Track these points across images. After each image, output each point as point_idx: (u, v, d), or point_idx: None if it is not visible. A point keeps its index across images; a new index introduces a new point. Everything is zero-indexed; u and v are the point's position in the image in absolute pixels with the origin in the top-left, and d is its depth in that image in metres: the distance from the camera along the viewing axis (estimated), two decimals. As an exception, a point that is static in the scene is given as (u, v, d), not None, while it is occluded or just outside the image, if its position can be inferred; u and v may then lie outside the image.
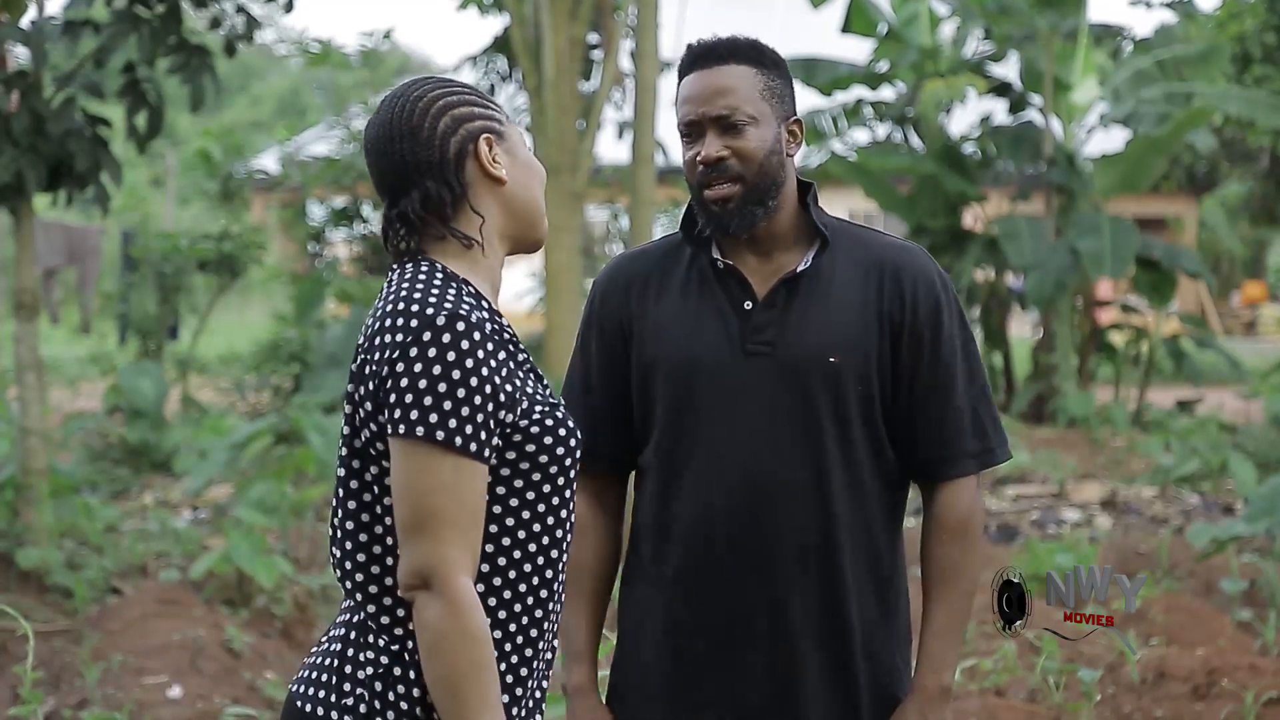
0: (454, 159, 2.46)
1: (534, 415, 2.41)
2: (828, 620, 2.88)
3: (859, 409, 2.87)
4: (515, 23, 13.49)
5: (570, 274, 13.13)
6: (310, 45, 16.07)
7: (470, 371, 2.32)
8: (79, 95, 7.61)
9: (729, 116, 2.83)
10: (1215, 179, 26.78)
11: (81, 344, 20.88)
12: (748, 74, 2.86)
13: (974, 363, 2.96)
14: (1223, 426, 14.45)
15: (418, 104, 2.47)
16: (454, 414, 2.30)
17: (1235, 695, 5.70)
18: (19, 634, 5.43)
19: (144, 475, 11.73)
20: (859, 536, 2.90)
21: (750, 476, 2.85)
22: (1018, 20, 16.46)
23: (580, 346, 3.03)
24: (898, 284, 2.88)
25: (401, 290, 2.39)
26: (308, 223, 17.18)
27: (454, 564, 2.29)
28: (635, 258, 3.03)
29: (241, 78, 51.93)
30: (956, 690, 5.82)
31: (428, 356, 2.31)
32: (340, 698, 2.38)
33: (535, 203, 2.55)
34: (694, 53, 2.89)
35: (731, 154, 2.83)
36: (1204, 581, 8.36)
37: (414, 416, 2.30)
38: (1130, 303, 18.40)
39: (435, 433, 2.30)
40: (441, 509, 2.30)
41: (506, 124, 2.53)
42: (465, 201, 2.47)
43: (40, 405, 7.92)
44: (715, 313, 2.89)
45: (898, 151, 17.19)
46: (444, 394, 2.30)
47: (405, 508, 2.32)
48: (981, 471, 2.95)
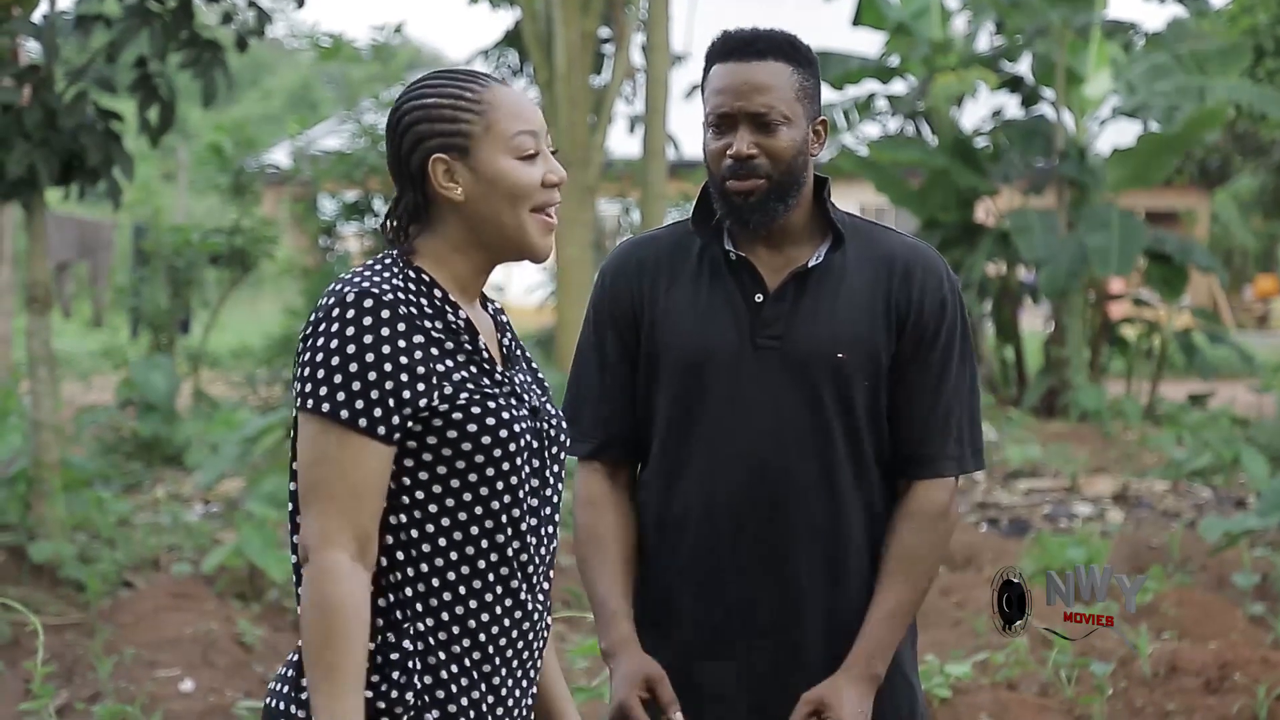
0: (417, 174, 2.48)
1: (458, 401, 2.39)
2: (835, 613, 2.88)
3: (866, 405, 2.87)
4: (527, 17, 13.49)
5: (581, 268, 13.12)
6: (321, 39, 16.08)
7: (369, 347, 2.33)
8: (91, 89, 7.62)
9: (765, 115, 2.82)
10: (1228, 173, 26.71)
11: (93, 338, 20.92)
12: (785, 72, 2.84)
13: (970, 367, 2.95)
14: (1235, 420, 14.42)
15: (394, 115, 2.50)
16: (344, 387, 2.32)
17: (1248, 689, 5.69)
18: (30, 628, 5.44)
19: (156, 469, 11.74)
20: (866, 529, 2.90)
21: (757, 470, 2.85)
22: (1030, 14, 16.43)
23: (592, 330, 3.02)
24: (907, 281, 2.89)
25: (346, 275, 2.44)
26: (319, 217, 17.17)
27: (324, 536, 2.31)
28: (644, 244, 3.02)
29: (253, 72, 51.94)
30: (968, 684, 5.82)
31: (330, 331, 2.34)
32: (298, 691, 2.39)
33: (497, 220, 2.48)
34: (731, 42, 2.87)
35: (762, 152, 2.83)
36: (1216, 576, 8.34)
37: (308, 389, 2.34)
38: (1142, 296, 18.37)
39: (322, 405, 2.32)
40: (322, 482, 2.32)
41: (478, 137, 2.47)
42: (430, 213, 2.49)
43: (53, 399, 7.93)
44: (726, 304, 2.89)
45: (909, 145, 17.16)
46: (337, 367, 2.32)
47: (297, 478, 2.36)
48: (959, 475, 2.94)
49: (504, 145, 2.48)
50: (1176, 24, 17.34)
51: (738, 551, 2.87)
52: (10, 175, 7.40)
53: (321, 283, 14.98)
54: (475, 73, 2.53)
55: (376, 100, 16.25)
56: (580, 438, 2.99)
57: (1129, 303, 18.55)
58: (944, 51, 17.15)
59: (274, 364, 14.66)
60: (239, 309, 22.97)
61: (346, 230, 17.29)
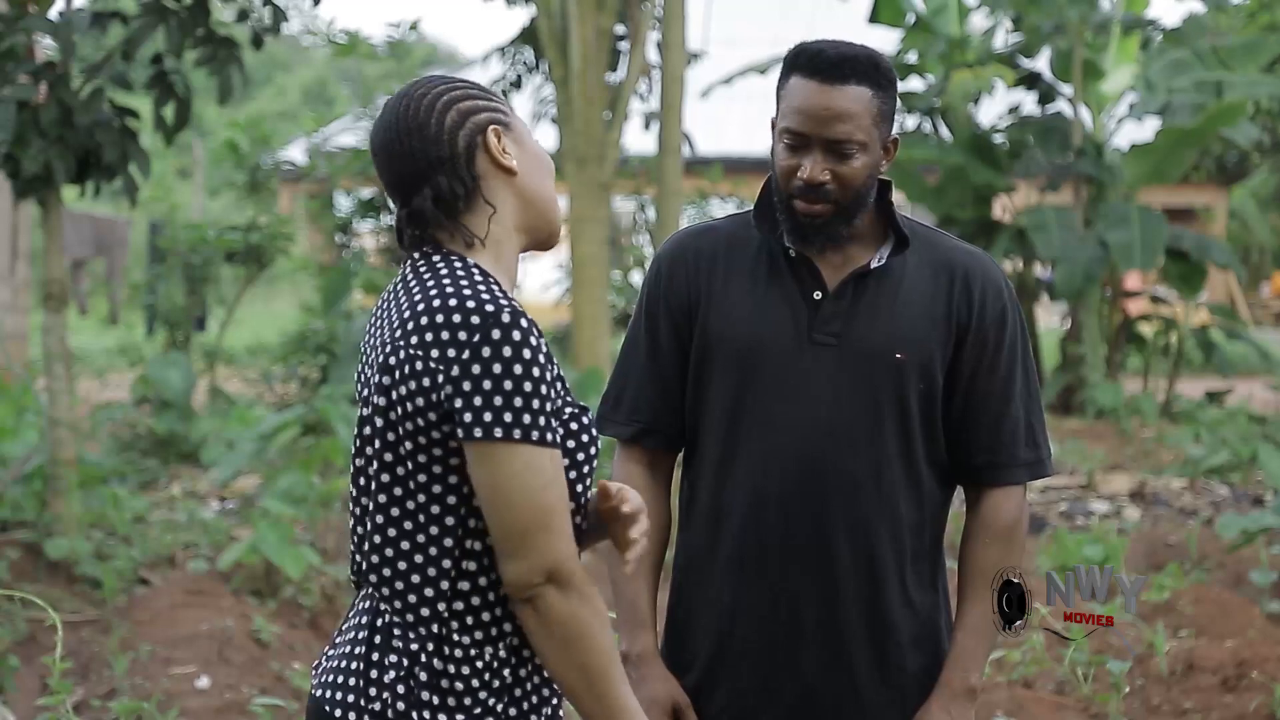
0: (464, 152, 2.44)
1: (563, 415, 2.40)
2: (878, 613, 2.88)
3: (920, 406, 2.87)
4: (542, 14, 13.48)
5: (597, 265, 13.10)
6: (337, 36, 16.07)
7: (540, 366, 2.30)
8: (107, 87, 7.63)
9: (842, 144, 2.79)
10: (1245, 169, 26.65)
11: (109, 335, 20.97)
12: (865, 97, 2.80)
13: (1031, 373, 2.96)
14: (1252, 418, 14.38)
15: (422, 101, 2.45)
16: (536, 410, 2.29)
17: (1265, 687, 5.68)
18: (48, 624, 5.45)
19: (172, 466, 11.76)
20: (912, 531, 2.90)
21: (807, 465, 2.85)
22: (1048, 10, 16.40)
23: (644, 316, 3.00)
24: (967, 288, 2.89)
25: (444, 285, 2.35)
26: (335, 213, 17.19)
27: (572, 556, 2.31)
28: (702, 234, 3.02)
29: (268, 69, 52.03)
30: (984, 682, 5.81)
31: (503, 356, 2.28)
32: (368, 701, 2.36)
33: (547, 192, 2.52)
34: (818, 61, 2.80)
35: (834, 179, 2.81)
36: (1233, 573, 8.33)
37: (506, 419, 2.27)
38: (1159, 293, 18.32)
39: (530, 433, 2.28)
40: (552, 505, 2.29)
41: (511, 115, 2.52)
42: (479, 195, 2.44)
43: (69, 396, 7.94)
44: (784, 299, 2.89)
45: (926, 142, 17.13)
46: (528, 392, 2.28)
47: (513, 510, 2.28)
48: (1031, 481, 2.96)
49: (525, 128, 2.54)
50: (1194, 20, 17.30)
51: (783, 544, 2.86)
52: (26, 172, 7.41)
53: (337, 279, 14.99)
54: None
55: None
56: (623, 421, 2.99)
57: (1146, 300, 18.51)
58: (962, 48, 17.12)
59: (289, 361, 14.67)
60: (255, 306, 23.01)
61: (362, 227, 17.31)
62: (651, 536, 2.95)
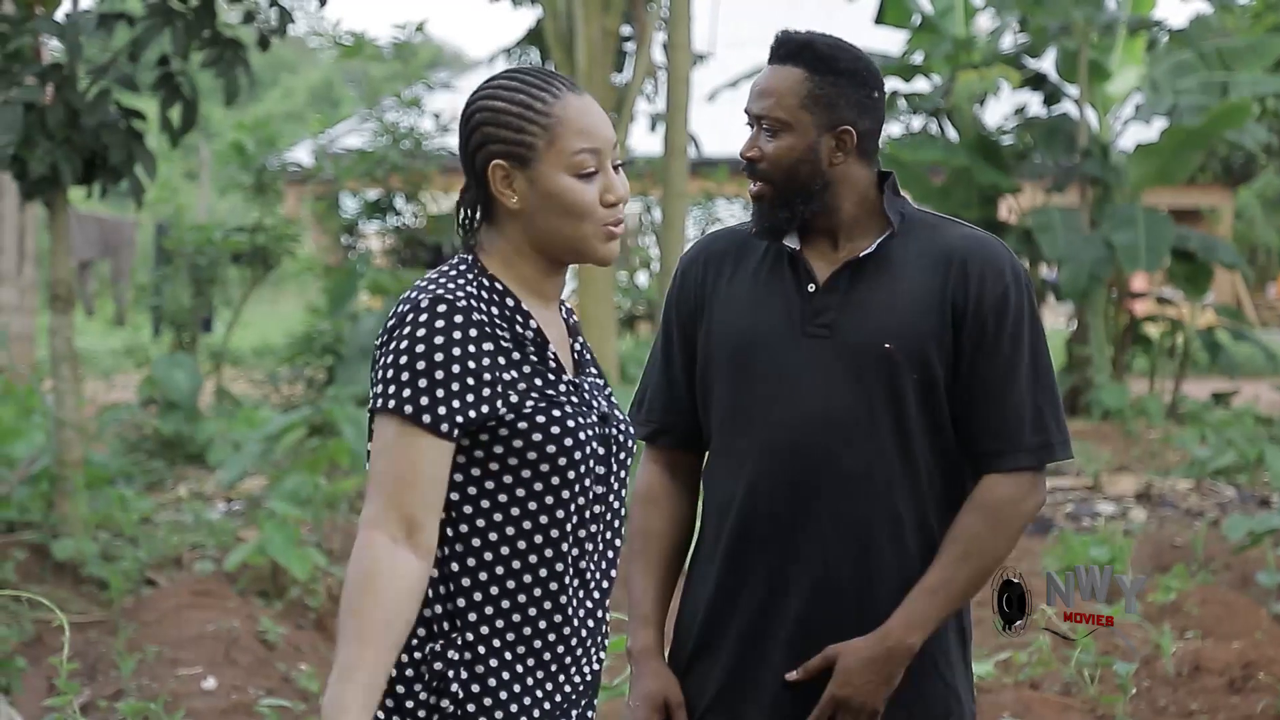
0: (479, 172, 2.49)
1: (524, 410, 2.42)
2: (865, 612, 2.85)
3: (917, 397, 2.84)
4: (548, 15, 13.49)
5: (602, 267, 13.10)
6: (343, 38, 16.08)
7: (439, 348, 2.37)
8: (113, 88, 7.64)
9: (763, 119, 2.87)
10: (1251, 170, 26.61)
11: (116, 336, 20.99)
12: (796, 78, 2.85)
13: (1041, 359, 2.89)
14: (1259, 419, 14.36)
15: (466, 108, 2.50)
16: (411, 385, 2.36)
17: (1271, 689, 5.67)
18: (55, 625, 5.46)
19: (178, 467, 11.77)
20: (911, 526, 2.87)
21: (802, 458, 2.85)
22: (1053, 11, 16.38)
23: (662, 321, 3.08)
24: (964, 272, 2.86)
25: (417, 283, 2.47)
26: (341, 215, 17.20)
27: (370, 519, 2.36)
28: (720, 237, 3.06)
29: (274, 70, 52.04)
30: (990, 683, 5.81)
31: (404, 334, 2.38)
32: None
33: (561, 233, 2.48)
34: (772, 43, 2.92)
35: (763, 157, 2.86)
36: (1240, 574, 8.32)
37: (379, 390, 2.39)
38: (1165, 294, 18.31)
39: (389, 402, 2.37)
40: (378, 471, 2.38)
41: (545, 149, 2.45)
42: (494, 211, 2.51)
43: (75, 397, 7.95)
44: (779, 294, 2.90)
45: (932, 143, 17.12)
46: (406, 367, 2.37)
47: (375, 468, 2.40)
48: (1041, 466, 2.88)
49: (564, 162, 2.45)
50: (1200, 21, 17.28)
51: (776, 536, 2.86)
52: (33, 174, 7.42)
53: (343, 280, 15.02)
54: (550, 79, 2.49)
55: (398, 99, 16.27)
56: (642, 422, 3.05)
57: (1152, 301, 18.50)
58: (968, 49, 17.11)
59: (296, 362, 14.68)
60: (261, 307, 23.02)
61: (368, 228, 17.32)
62: (664, 534, 2.99)
